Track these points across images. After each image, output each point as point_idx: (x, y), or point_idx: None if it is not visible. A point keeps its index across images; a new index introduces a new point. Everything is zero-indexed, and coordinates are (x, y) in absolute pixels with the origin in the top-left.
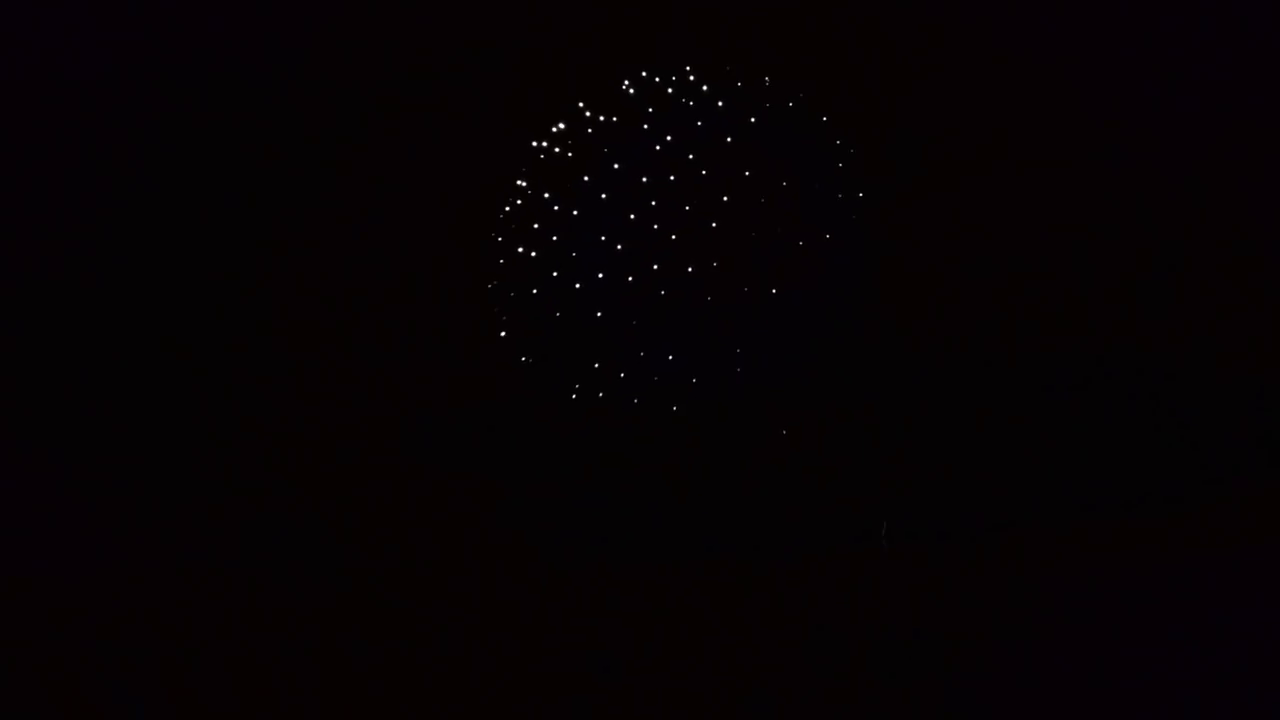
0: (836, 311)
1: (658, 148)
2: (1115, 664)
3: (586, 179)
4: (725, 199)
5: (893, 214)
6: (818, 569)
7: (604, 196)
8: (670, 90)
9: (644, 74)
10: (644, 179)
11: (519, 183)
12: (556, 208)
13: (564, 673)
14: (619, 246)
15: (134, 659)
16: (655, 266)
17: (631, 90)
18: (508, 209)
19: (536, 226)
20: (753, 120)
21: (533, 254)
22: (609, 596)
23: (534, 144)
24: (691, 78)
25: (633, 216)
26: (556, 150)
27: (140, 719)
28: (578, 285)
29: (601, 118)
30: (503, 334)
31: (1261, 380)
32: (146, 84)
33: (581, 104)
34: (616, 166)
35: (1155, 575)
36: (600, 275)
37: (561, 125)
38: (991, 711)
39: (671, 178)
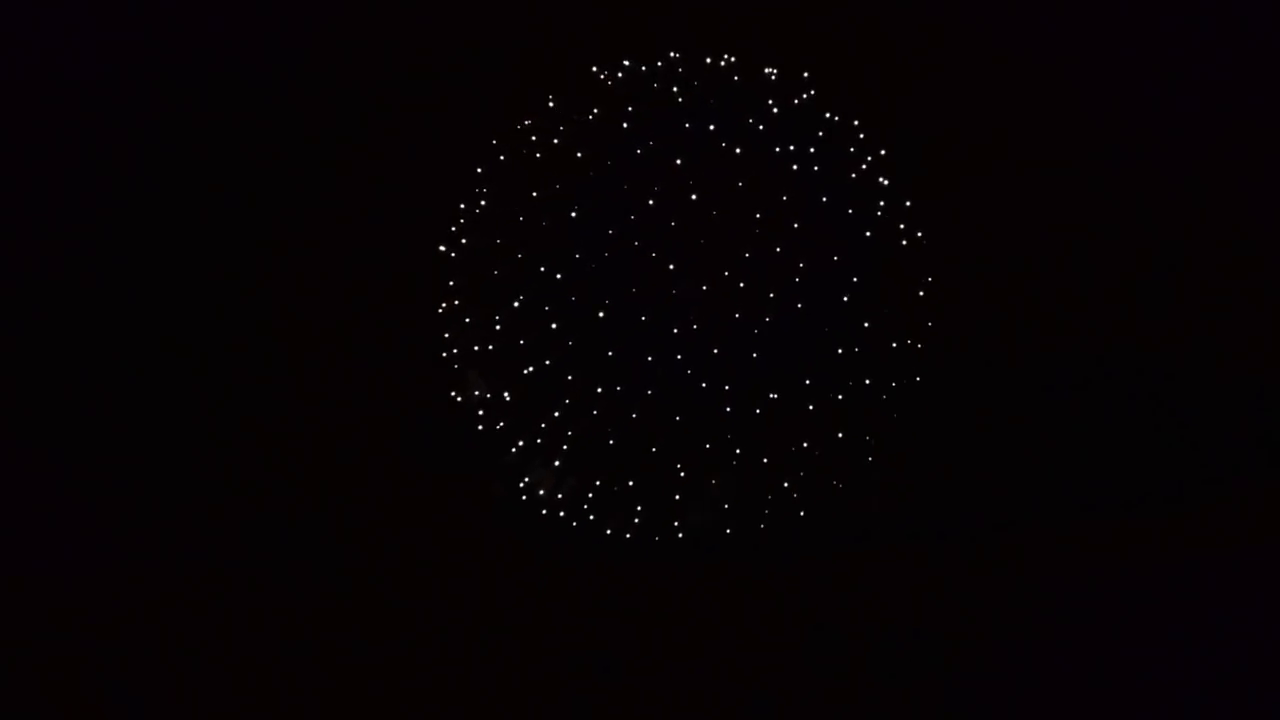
0: (837, 318)
1: (640, 151)
2: (1115, 664)
3: (559, 185)
4: (716, 212)
5: (898, 219)
6: (818, 569)
7: (575, 210)
8: (657, 85)
9: (627, 64)
10: (625, 185)
11: (481, 189)
12: (523, 217)
13: (564, 673)
14: (593, 265)
15: (134, 659)
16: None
17: (610, 83)
18: (461, 220)
19: (500, 241)
20: (752, 121)
21: (496, 271)
22: (609, 596)
23: (496, 143)
24: (681, 70)
25: (611, 232)
26: (525, 151)
27: (140, 719)
28: (547, 307)
29: (576, 115)
30: (457, 367)
31: (1261, 380)
32: (146, 84)
33: (552, 99)
34: (593, 173)
35: (1155, 575)
36: (573, 296)
37: (529, 121)
38: (991, 711)
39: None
